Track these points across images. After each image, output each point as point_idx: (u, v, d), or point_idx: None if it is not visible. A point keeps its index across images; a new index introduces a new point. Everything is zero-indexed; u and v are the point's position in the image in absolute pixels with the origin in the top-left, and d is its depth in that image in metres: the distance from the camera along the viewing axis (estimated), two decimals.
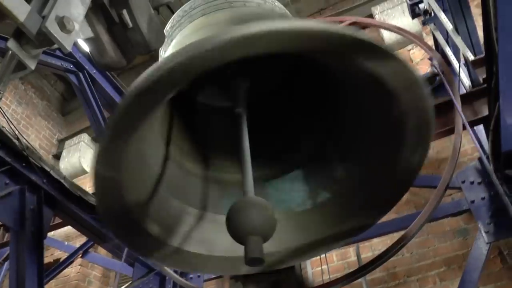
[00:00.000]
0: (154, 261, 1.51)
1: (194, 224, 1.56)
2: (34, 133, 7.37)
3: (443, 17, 3.43)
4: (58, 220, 3.48)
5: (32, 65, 1.22)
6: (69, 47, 1.19)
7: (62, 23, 1.18)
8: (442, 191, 2.41)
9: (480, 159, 3.03)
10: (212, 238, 1.55)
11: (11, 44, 1.17)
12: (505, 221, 2.75)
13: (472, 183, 2.98)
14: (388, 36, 5.58)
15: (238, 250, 1.10)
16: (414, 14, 3.95)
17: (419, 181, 3.85)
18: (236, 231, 1.05)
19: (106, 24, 1.49)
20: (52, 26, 1.15)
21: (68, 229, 4.92)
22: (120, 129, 1.09)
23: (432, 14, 3.66)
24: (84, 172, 7.02)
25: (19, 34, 1.19)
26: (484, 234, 2.80)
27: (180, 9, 1.96)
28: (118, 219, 1.34)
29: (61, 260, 4.91)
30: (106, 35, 1.47)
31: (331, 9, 6.75)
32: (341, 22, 4.68)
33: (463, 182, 3.00)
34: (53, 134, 7.82)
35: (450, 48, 3.57)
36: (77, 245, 4.95)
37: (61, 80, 8.14)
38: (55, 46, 1.20)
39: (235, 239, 1.06)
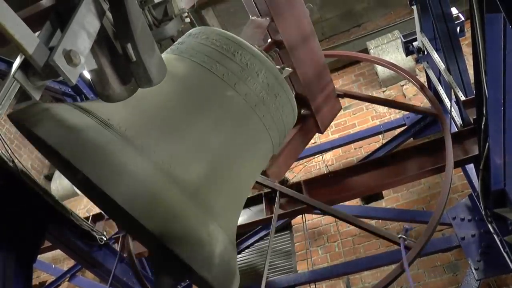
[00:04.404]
0: None
1: None
2: (27, 153, 7.29)
3: (435, 56, 3.53)
4: (47, 243, 3.44)
5: (37, 96, 1.25)
6: (74, 80, 1.21)
7: (69, 57, 1.21)
8: (433, 228, 2.44)
9: (470, 196, 3.07)
10: None
11: (18, 75, 1.20)
12: (495, 258, 2.78)
13: (462, 219, 3.01)
14: (381, 71, 5.70)
15: None
16: (408, 51, 4.06)
17: (411, 216, 3.90)
18: None
19: (109, 57, 1.53)
20: (59, 60, 1.18)
21: (55, 251, 4.85)
22: None
23: (426, 52, 3.76)
24: (75, 194, 6.93)
25: (26, 66, 1.22)
26: (474, 271, 2.81)
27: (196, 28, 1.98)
28: None
29: (47, 283, 4.82)
30: (109, 67, 1.50)
31: (327, 41, 6.89)
32: (337, 55, 4.78)
33: (454, 218, 3.03)
34: None
35: (442, 87, 3.66)
36: (65, 268, 4.87)
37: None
38: (61, 78, 1.23)
39: None
